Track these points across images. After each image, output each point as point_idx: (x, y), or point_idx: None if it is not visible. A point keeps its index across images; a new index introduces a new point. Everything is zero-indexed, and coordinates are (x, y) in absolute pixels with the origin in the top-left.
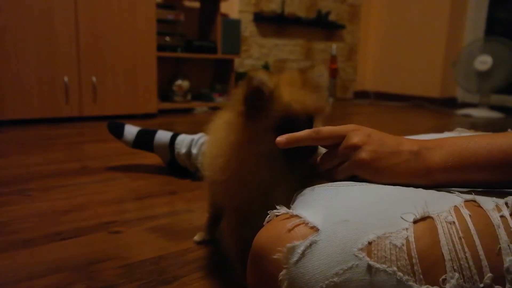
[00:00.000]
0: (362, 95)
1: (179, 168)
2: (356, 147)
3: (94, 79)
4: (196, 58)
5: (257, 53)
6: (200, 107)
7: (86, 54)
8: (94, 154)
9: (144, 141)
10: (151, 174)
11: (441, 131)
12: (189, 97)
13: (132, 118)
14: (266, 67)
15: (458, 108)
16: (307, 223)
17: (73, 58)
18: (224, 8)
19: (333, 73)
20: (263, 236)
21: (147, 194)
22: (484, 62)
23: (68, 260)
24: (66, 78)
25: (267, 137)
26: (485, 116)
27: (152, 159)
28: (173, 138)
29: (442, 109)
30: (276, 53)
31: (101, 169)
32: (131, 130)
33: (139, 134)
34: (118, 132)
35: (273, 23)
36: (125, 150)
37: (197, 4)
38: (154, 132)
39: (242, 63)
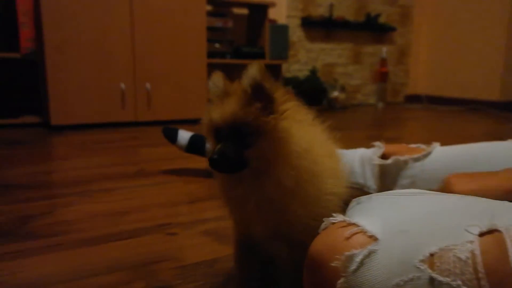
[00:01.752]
0: (414, 99)
1: None
2: None
3: (148, 85)
4: (244, 64)
5: (304, 57)
6: None
7: (141, 62)
8: (149, 157)
9: (197, 146)
10: (202, 178)
11: (499, 137)
12: None
13: (182, 123)
14: (313, 71)
15: None
16: (366, 232)
17: (129, 66)
18: (272, 14)
19: (383, 76)
20: (320, 243)
21: (199, 198)
22: None
23: (127, 260)
24: (122, 85)
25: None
26: None
27: (203, 163)
28: None
29: (503, 114)
30: (324, 58)
31: (155, 172)
32: (184, 135)
33: (191, 139)
34: (172, 137)
35: (321, 27)
36: (178, 154)
37: (245, 11)
38: (206, 138)
39: (289, 68)
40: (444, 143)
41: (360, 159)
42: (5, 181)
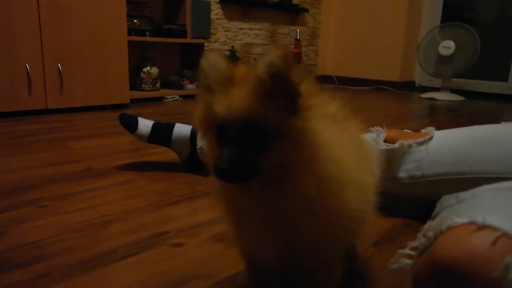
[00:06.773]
0: (324, 80)
1: (198, 164)
2: None
3: (59, 66)
4: (163, 43)
5: (223, 37)
6: (171, 96)
7: (50, 37)
8: (89, 152)
9: (161, 135)
10: (169, 173)
11: (411, 115)
12: (158, 84)
13: (102, 109)
14: (233, 51)
15: (417, 91)
16: (510, 235)
17: (35, 43)
18: None
19: (297, 58)
20: (456, 250)
21: (181, 197)
22: (447, 47)
23: (147, 283)
24: (27, 66)
25: (214, 150)
26: (448, 99)
27: (158, 155)
28: (194, 132)
29: (404, 93)
30: (242, 37)
31: (108, 169)
32: (146, 123)
33: (154, 127)
34: (131, 125)
35: (239, 5)
36: (122, 147)
37: None
38: (171, 126)
39: (208, 48)
40: (376, 123)
41: None
42: None
